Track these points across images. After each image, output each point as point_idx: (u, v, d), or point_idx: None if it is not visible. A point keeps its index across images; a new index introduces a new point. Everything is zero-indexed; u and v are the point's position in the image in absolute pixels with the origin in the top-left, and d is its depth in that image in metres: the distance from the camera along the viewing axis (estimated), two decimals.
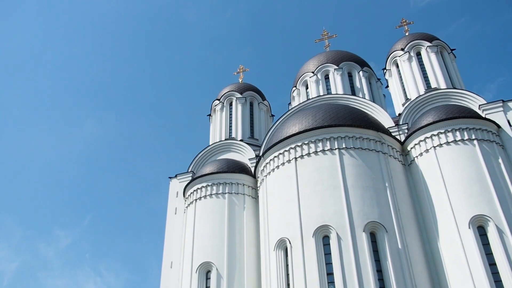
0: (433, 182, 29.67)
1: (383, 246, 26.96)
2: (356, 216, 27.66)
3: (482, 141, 30.05)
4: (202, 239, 33.34)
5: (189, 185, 37.19)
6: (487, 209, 27.04)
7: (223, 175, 35.87)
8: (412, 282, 25.88)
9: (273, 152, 32.92)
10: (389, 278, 25.79)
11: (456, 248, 26.74)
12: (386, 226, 27.45)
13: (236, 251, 32.26)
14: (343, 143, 30.73)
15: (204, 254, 32.51)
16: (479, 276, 25.20)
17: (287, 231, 28.93)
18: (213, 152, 41.10)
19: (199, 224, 34.23)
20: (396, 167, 31.27)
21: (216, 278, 31.20)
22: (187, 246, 34.05)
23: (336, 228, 27.38)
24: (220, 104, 45.99)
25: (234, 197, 34.82)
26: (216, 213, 34.08)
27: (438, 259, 27.60)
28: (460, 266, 26.15)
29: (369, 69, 46.69)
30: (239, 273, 31.41)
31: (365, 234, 26.98)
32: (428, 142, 30.94)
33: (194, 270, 32.09)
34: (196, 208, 35.23)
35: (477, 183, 28.13)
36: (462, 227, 27.01)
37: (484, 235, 26.77)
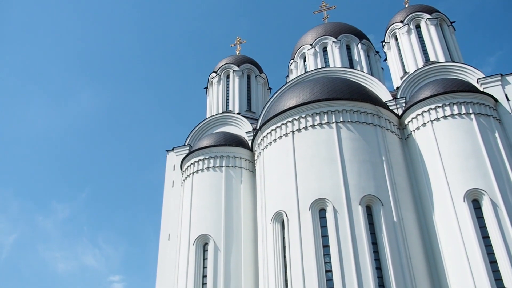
0: (429, 156, 29.80)
1: (379, 219, 27.25)
2: (353, 190, 27.85)
3: (479, 115, 30.05)
4: (199, 212, 33.60)
5: (186, 159, 37.24)
6: (482, 183, 27.26)
7: (220, 149, 35.89)
8: (406, 254, 26.29)
9: (270, 125, 32.86)
10: (384, 250, 26.17)
11: (450, 221, 27.08)
12: (382, 200, 27.69)
13: (233, 224, 32.57)
14: (340, 117, 30.67)
15: (201, 227, 32.83)
16: (473, 249, 25.61)
17: (284, 204, 29.15)
18: (210, 125, 41.03)
19: (196, 197, 34.43)
20: (393, 141, 31.32)
21: (214, 250, 31.60)
22: (184, 219, 34.36)
23: (333, 201, 27.60)
24: (217, 77, 45.62)
25: (231, 171, 34.93)
26: (213, 186, 34.25)
27: (433, 232, 27.98)
28: (454, 239, 26.53)
29: (367, 41, 46.21)
30: (236, 245, 31.79)
31: (361, 207, 27.23)
32: (426, 116, 30.92)
33: (191, 243, 32.47)
34: (193, 181, 35.37)
35: (473, 157, 28.27)
36: (457, 200, 27.28)
37: (478, 208, 27.08)
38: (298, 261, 26.64)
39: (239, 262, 31.14)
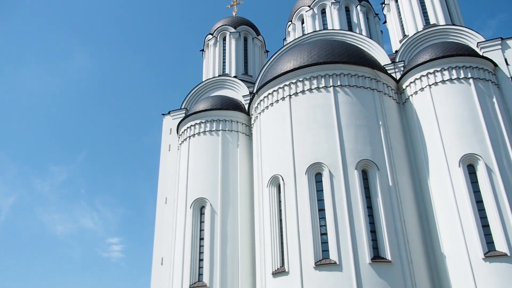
0: (426, 121, 29.73)
1: (374, 183, 27.42)
2: (349, 154, 27.88)
3: (478, 80, 29.80)
4: (196, 175, 33.73)
5: (182, 122, 37.09)
6: (478, 148, 27.33)
7: (216, 112, 35.69)
8: (401, 218, 26.63)
9: (267, 89, 32.55)
10: (378, 214, 26.47)
11: (445, 186, 27.30)
12: (378, 164, 27.78)
13: (230, 187, 32.77)
14: (338, 81, 30.37)
15: (198, 190, 33.04)
16: (466, 213, 25.94)
17: (280, 168, 29.25)
18: (206, 88, 40.66)
19: (193, 161, 34.50)
20: (390, 106, 31.15)
21: (210, 214, 31.93)
22: (181, 183, 34.53)
23: (329, 165, 27.68)
24: (213, 39, 44.87)
25: (228, 134, 34.87)
26: (210, 150, 34.25)
27: (427, 197, 28.27)
28: (448, 204, 26.83)
29: (367, 3, 45.24)
30: (233, 208, 32.11)
31: (357, 172, 27.34)
32: (424, 80, 30.66)
33: (188, 206, 32.76)
34: (190, 145, 35.35)
35: (469, 123, 28.23)
36: (452, 165, 27.41)
37: (473, 173, 27.26)
38: (293, 225, 26.95)
39: (235, 225, 31.55)
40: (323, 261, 25.43)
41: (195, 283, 30.23)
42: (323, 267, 25.18)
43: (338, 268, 24.90)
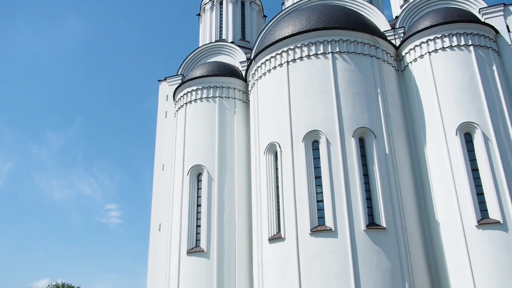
0: (425, 88, 29.50)
1: (371, 151, 27.45)
2: (346, 122, 27.78)
3: (479, 47, 29.38)
4: (193, 142, 33.69)
5: (178, 89, 36.75)
6: (476, 117, 27.23)
7: (213, 79, 35.32)
8: (396, 186, 26.80)
9: (265, 55, 32.09)
10: (374, 181, 26.61)
11: (441, 154, 27.36)
12: (375, 132, 27.73)
13: (227, 154, 32.81)
14: (336, 47, 29.90)
15: (195, 157, 33.08)
16: (461, 181, 26.09)
17: (277, 136, 29.20)
18: (203, 54, 40.12)
19: (189, 128, 34.37)
20: (389, 73, 30.82)
21: (207, 180, 32.07)
22: (178, 150, 34.54)
23: (326, 133, 27.62)
24: (210, 3, 43.95)
25: (225, 101, 34.62)
26: (207, 117, 34.09)
27: (423, 165, 28.37)
28: (444, 172, 26.95)
29: None
30: (230, 175, 32.24)
31: (354, 140, 27.31)
32: (424, 47, 30.22)
33: (185, 173, 32.87)
34: (187, 112, 35.14)
35: (468, 91, 28.01)
36: (449, 133, 27.39)
37: (470, 142, 27.26)
38: (290, 192, 27.13)
39: (232, 192, 31.76)
40: (318, 227, 25.73)
41: (192, 249, 30.68)
42: (319, 233, 25.51)
43: (334, 234, 25.22)
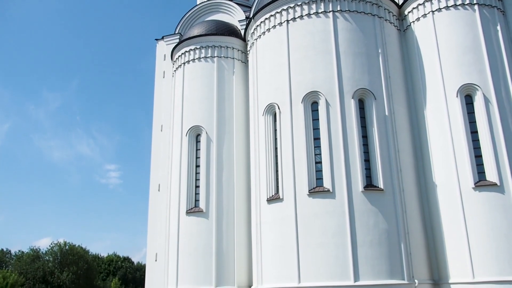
0: (427, 49, 29.00)
1: (371, 113, 27.28)
2: (346, 83, 27.46)
3: (483, 6, 28.63)
4: (191, 103, 33.46)
5: (176, 48, 36.15)
6: (477, 78, 26.90)
7: (211, 38, 34.68)
8: (395, 148, 26.79)
9: (264, 13, 31.34)
10: (373, 143, 26.58)
11: (441, 116, 27.22)
12: (375, 93, 27.46)
13: (225, 115, 32.65)
14: (337, 5, 29.14)
15: (193, 118, 32.95)
16: (460, 143, 26.08)
17: (276, 97, 28.96)
18: (201, 12, 39.26)
19: (188, 88, 34.05)
20: (391, 33, 30.20)
21: (206, 142, 32.07)
22: (176, 110, 34.35)
23: (325, 94, 27.36)
24: None
25: (223, 61, 34.12)
26: (205, 77, 33.70)
27: (423, 126, 28.28)
28: (443, 133, 26.90)
29: None
30: (228, 137, 32.21)
31: (354, 101, 27.08)
32: (427, 6, 29.47)
33: (184, 134, 32.82)
34: (185, 72, 34.70)
35: (471, 51, 27.53)
36: (450, 95, 27.15)
37: (470, 104, 27.06)
38: (288, 153, 27.16)
39: (231, 153, 31.83)
40: (316, 188, 25.91)
41: (191, 209, 31.04)
42: (317, 194, 25.72)
43: (331, 195, 25.44)
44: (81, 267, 60.89)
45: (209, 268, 29.30)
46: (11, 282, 48.74)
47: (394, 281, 23.92)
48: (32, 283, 56.33)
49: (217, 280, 29.06)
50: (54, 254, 61.75)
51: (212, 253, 29.52)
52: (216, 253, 29.53)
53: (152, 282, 33.55)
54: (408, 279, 24.26)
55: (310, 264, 24.68)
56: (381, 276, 23.89)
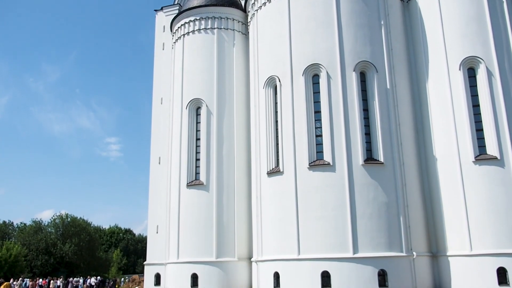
0: (430, 20, 28.50)
1: (372, 85, 27.05)
2: (348, 55, 27.12)
3: None
4: (191, 76, 33.17)
5: (176, 19, 35.61)
6: (481, 51, 26.55)
7: (211, 9, 34.11)
8: (396, 121, 26.66)
9: None
10: (374, 116, 26.45)
11: (443, 89, 27.00)
12: (377, 66, 27.16)
13: (226, 88, 32.41)
14: None
15: (193, 91, 32.72)
16: (461, 116, 25.95)
17: (277, 69, 28.67)
18: None
19: (187, 61, 33.70)
20: (394, 4, 29.60)
21: (206, 114, 31.94)
22: (176, 83, 34.08)
23: (327, 66, 27.07)
24: None
25: (224, 33, 33.65)
26: (205, 49, 33.30)
27: (424, 100, 28.08)
28: (445, 107, 26.73)
29: None
30: (229, 109, 32.05)
31: (355, 74, 26.81)
32: None
33: (184, 107, 32.66)
34: (184, 43, 34.28)
35: (475, 23, 27.06)
36: (452, 68, 26.84)
37: (473, 77, 26.78)
38: (289, 126, 27.07)
39: (231, 126, 31.75)
40: (317, 162, 25.93)
41: (192, 182, 31.15)
42: (317, 167, 25.74)
43: (332, 169, 25.47)
44: (83, 238, 61.59)
45: (210, 240, 29.61)
46: (14, 253, 49.41)
47: (392, 253, 24.18)
48: (35, 254, 57.11)
49: (217, 252, 29.41)
50: (56, 226, 62.40)
51: (212, 226, 29.78)
52: (216, 226, 29.79)
53: (154, 253, 33.97)
54: (407, 252, 24.53)
55: (310, 236, 24.90)
56: (379, 248, 24.14)
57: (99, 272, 59.44)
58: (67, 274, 54.40)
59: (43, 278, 44.40)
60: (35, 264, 56.87)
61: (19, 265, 50.47)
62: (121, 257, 78.57)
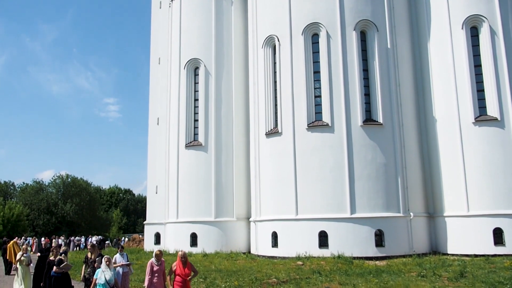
0: None
1: (372, 45, 26.55)
2: (348, 14, 26.47)
3: None
4: (189, 35, 32.51)
5: None
6: (484, 9, 25.86)
7: None
8: (396, 82, 26.34)
9: None
10: (374, 77, 26.10)
11: (445, 48, 26.49)
12: (378, 25, 26.56)
13: (224, 48, 31.85)
14: None
15: (191, 51, 32.16)
16: (462, 77, 25.58)
17: (276, 29, 28.07)
18: None
19: (185, 20, 32.94)
20: None
21: (204, 75, 31.53)
22: (174, 43, 33.43)
23: (326, 26, 26.47)
24: None
25: None
26: (203, 8, 32.48)
27: (425, 60, 27.63)
28: (446, 66, 26.33)
29: None
30: (227, 70, 31.61)
31: (355, 33, 26.24)
32: None
33: (182, 67, 32.18)
34: (182, 2, 33.40)
35: None
36: (455, 27, 26.24)
37: (475, 36, 26.23)
38: (288, 86, 26.75)
39: (230, 87, 31.40)
40: (315, 122, 25.78)
41: (190, 142, 31.11)
42: (315, 128, 25.63)
43: (330, 130, 25.35)
44: (84, 198, 62.28)
45: (209, 200, 29.85)
46: (16, 213, 50.02)
47: (389, 213, 24.43)
48: (37, 214, 57.85)
49: (216, 212, 29.72)
50: (57, 186, 62.94)
51: (211, 186, 29.96)
52: (215, 186, 29.97)
53: (153, 213, 34.34)
54: (404, 212, 24.76)
55: (308, 197, 25.07)
56: (377, 209, 24.36)
57: (100, 231, 60.37)
58: (68, 233, 55.29)
59: (45, 237, 45.15)
60: (37, 224, 57.71)
61: (21, 225, 51.22)
62: (121, 216, 79.68)
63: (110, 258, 11.13)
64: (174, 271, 10.20)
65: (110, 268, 10.71)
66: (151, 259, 10.73)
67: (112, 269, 10.89)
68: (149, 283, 10.40)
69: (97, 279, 10.47)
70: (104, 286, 10.37)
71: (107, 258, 10.90)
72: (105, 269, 10.58)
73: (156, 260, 10.64)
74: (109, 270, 10.62)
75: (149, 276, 10.44)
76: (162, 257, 10.89)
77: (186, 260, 10.24)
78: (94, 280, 10.59)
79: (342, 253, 23.22)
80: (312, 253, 23.87)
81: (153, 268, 10.50)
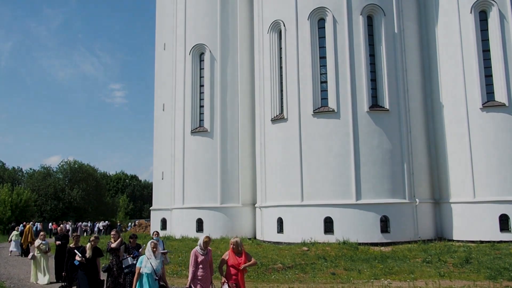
0: None
1: (379, 30, 26.25)
2: None
3: None
4: (194, 21, 32.27)
5: None
6: None
7: None
8: (403, 67, 26.08)
9: None
10: (381, 62, 25.87)
11: (453, 33, 26.16)
12: (385, 9, 26.23)
13: (229, 33, 31.61)
14: None
15: (197, 36, 31.96)
16: (470, 62, 25.30)
17: (281, 13, 27.80)
18: None
19: (190, 5, 32.66)
20: None
21: (210, 60, 31.36)
22: (179, 28, 33.20)
23: (333, 10, 26.17)
24: None
25: None
26: None
27: (433, 44, 27.31)
28: (454, 51, 26.02)
29: None
30: (232, 55, 31.42)
31: (362, 17, 25.94)
32: None
33: (187, 53, 32.01)
34: None
35: None
36: (463, 11, 25.86)
37: (484, 20, 25.83)
38: (294, 72, 26.58)
39: (235, 72, 31.23)
40: (321, 108, 25.65)
41: (196, 128, 31.09)
42: (321, 114, 25.51)
43: (336, 115, 25.23)
44: (90, 184, 62.57)
45: (214, 186, 29.93)
46: (24, 199, 50.37)
47: (395, 200, 24.39)
48: (44, 199, 58.27)
49: (222, 198, 29.81)
50: (64, 172, 63.24)
51: (217, 172, 30.01)
52: (221, 172, 30.01)
53: (159, 199, 34.51)
54: (409, 198, 24.72)
55: (313, 183, 25.06)
56: (382, 195, 24.32)
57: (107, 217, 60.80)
58: (76, 218, 55.74)
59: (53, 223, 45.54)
60: (45, 209, 58.15)
61: (29, 210, 51.59)
62: (127, 202, 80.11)
63: (157, 244, 9.18)
64: (226, 262, 8.36)
65: (156, 256, 8.91)
66: (195, 248, 8.55)
67: (159, 256, 9.06)
68: (193, 276, 8.38)
69: (141, 268, 8.66)
70: (151, 276, 8.67)
71: (153, 243, 8.97)
72: (151, 256, 8.82)
73: (202, 249, 8.45)
74: (155, 257, 8.86)
75: (193, 268, 8.39)
76: (209, 245, 8.60)
77: (240, 248, 8.30)
78: (137, 270, 8.76)
79: (347, 239, 23.26)
80: (317, 238, 23.94)
81: (197, 258, 8.44)
